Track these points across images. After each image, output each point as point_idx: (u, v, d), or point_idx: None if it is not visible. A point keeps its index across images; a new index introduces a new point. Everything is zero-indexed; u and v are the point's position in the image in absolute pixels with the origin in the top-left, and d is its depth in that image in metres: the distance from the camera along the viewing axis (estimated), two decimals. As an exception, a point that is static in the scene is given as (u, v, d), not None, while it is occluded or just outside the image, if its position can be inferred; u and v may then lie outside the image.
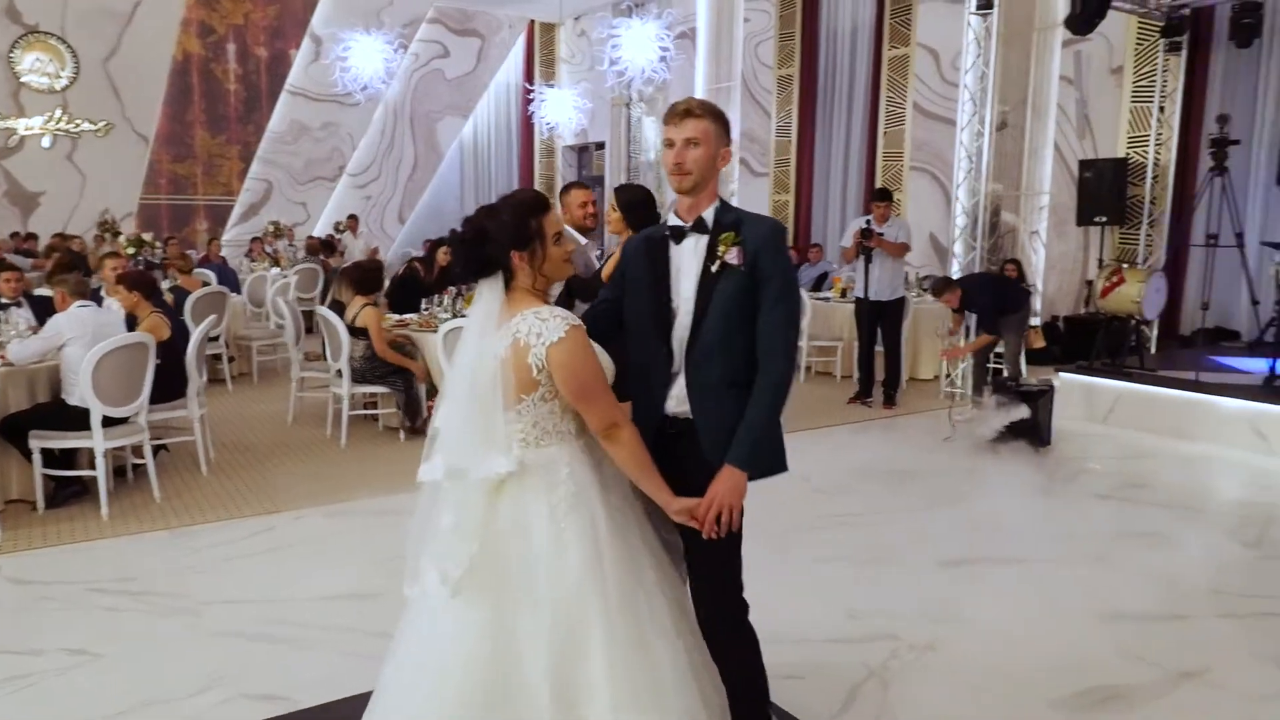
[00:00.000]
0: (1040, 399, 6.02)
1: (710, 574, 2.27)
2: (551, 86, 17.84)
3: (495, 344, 2.05)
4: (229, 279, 9.73)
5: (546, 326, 2.02)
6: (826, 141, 13.64)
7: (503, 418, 2.05)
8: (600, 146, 18.65)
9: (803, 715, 2.82)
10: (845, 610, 3.66)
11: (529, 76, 19.69)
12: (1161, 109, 9.31)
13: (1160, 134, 9.36)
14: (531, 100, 18.00)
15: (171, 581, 3.92)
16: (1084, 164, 9.56)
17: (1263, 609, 3.78)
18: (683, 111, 2.22)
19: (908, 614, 3.62)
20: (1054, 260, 10.43)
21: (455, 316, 6.76)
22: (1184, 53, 9.10)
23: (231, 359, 8.32)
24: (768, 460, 2.22)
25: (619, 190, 4.07)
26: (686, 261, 2.25)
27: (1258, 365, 7.32)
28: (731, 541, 2.21)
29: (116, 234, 11.14)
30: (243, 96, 16.48)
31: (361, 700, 2.25)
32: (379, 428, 6.62)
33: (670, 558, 2.21)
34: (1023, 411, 5.87)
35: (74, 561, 4.16)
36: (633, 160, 18.17)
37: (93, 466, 4.73)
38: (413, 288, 7.79)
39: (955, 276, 8.09)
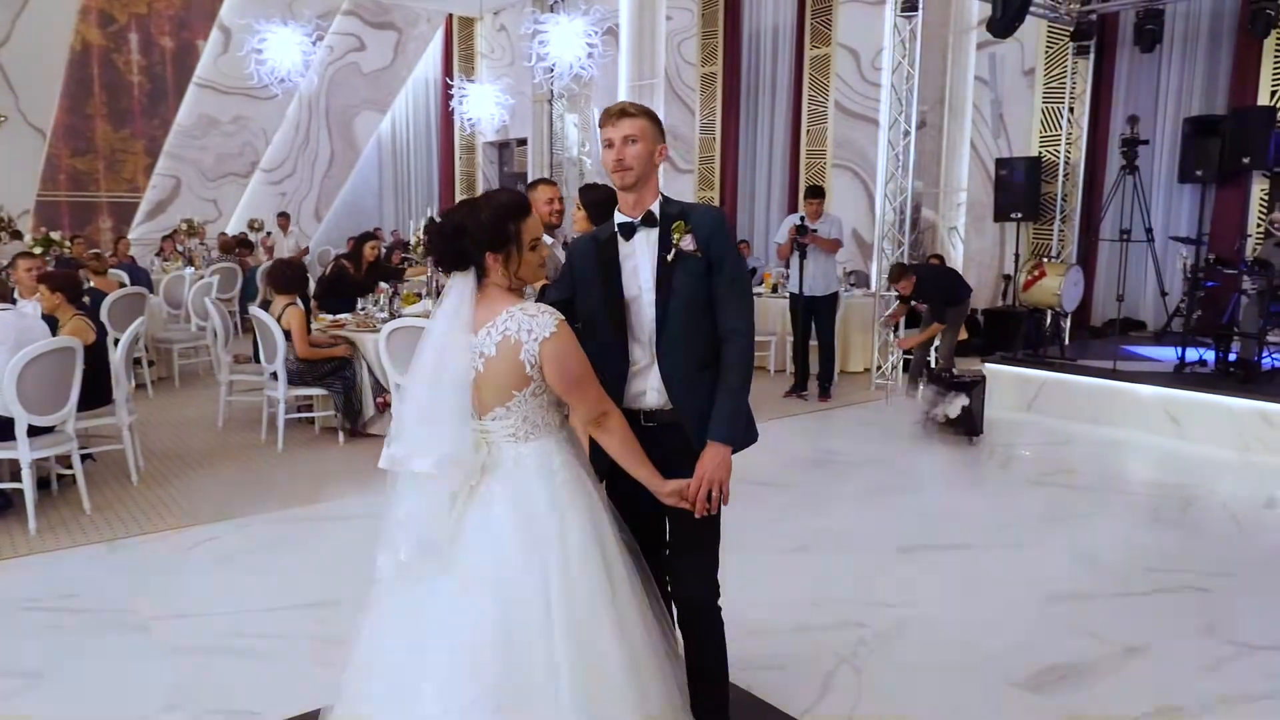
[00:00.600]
0: (974, 389, 6.23)
1: (695, 556, 2.36)
2: (471, 82, 17.64)
3: (478, 342, 2.06)
4: (142, 279, 9.33)
5: (537, 323, 2.05)
6: (750, 139, 13.82)
7: (466, 411, 2.08)
8: (522, 143, 18.52)
9: (783, 705, 2.87)
10: (809, 599, 3.74)
11: (448, 71, 19.41)
12: (1071, 110, 9.74)
13: (1070, 134, 9.79)
14: (452, 96, 17.79)
15: (115, 597, 3.75)
16: (1000, 162, 9.92)
17: (1192, 583, 4.00)
18: (618, 112, 2.31)
19: (869, 601, 3.72)
20: (972, 255, 10.79)
21: (393, 316, 6.63)
22: (1091, 56, 9.53)
23: (151, 363, 7.99)
24: (743, 432, 2.34)
25: (584, 190, 4.07)
26: (641, 255, 2.33)
27: (1165, 354, 7.74)
28: (715, 522, 2.34)
29: (16, 233, 10.55)
30: (147, 89, 15.78)
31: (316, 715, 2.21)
32: (316, 431, 6.45)
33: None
34: (963, 401, 6.07)
35: (3, 579, 3.94)
36: (555, 157, 18.10)
37: (16, 479, 4.49)
38: (344, 287, 7.59)
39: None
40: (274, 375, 6.00)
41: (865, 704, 2.95)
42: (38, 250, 7.97)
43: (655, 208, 2.33)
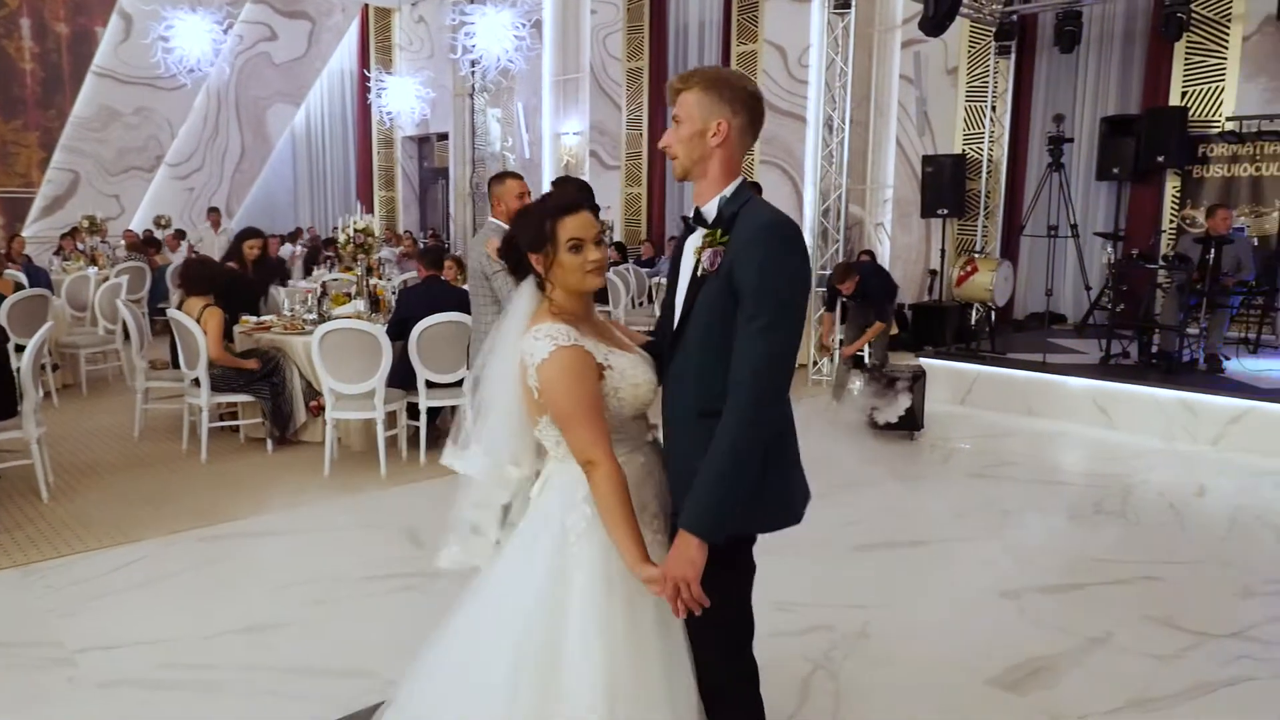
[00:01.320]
0: (915, 384, 6.28)
1: (698, 647, 1.95)
2: (390, 74, 17.16)
3: (511, 350, 1.95)
4: (41, 280, 8.74)
5: (538, 347, 1.86)
6: (678, 135, 13.77)
7: (523, 426, 1.96)
8: (443, 138, 18.12)
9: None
10: (773, 603, 3.66)
11: (365, 63, 18.85)
12: (994, 108, 9.96)
13: (993, 131, 10.01)
14: (370, 88, 17.27)
15: (34, 628, 3.44)
16: (926, 159, 10.08)
17: (1142, 573, 4.08)
18: (671, 89, 1.93)
19: (833, 603, 3.67)
20: (899, 251, 10.95)
21: (323, 318, 6.34)
22: (1013, 56, 9.76)
23: (55, 367, 7.49)
24: (725, 520, 1.79)
25: (555, 183, 3.93)
26: (687, 260, 1.97)
27: (1088, 346, 7.97)
28: (720, 615, 1.86)
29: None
30: (40, 77, 14.88)
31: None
32: (241, 439, 6.12)
33: None
34: (906, 403, 6.10)
35: (-98, 613, 3.59)
36: (477, 152, 17.77)
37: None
38: (242, 290, 6.99)
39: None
40: (195, 381, 5.66)
41: (846, 709, 2.89)
42: (-75, 250, 7.37)
43: (713, 205, 1.91)
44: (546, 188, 16.04)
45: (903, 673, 3.13)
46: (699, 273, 1.89)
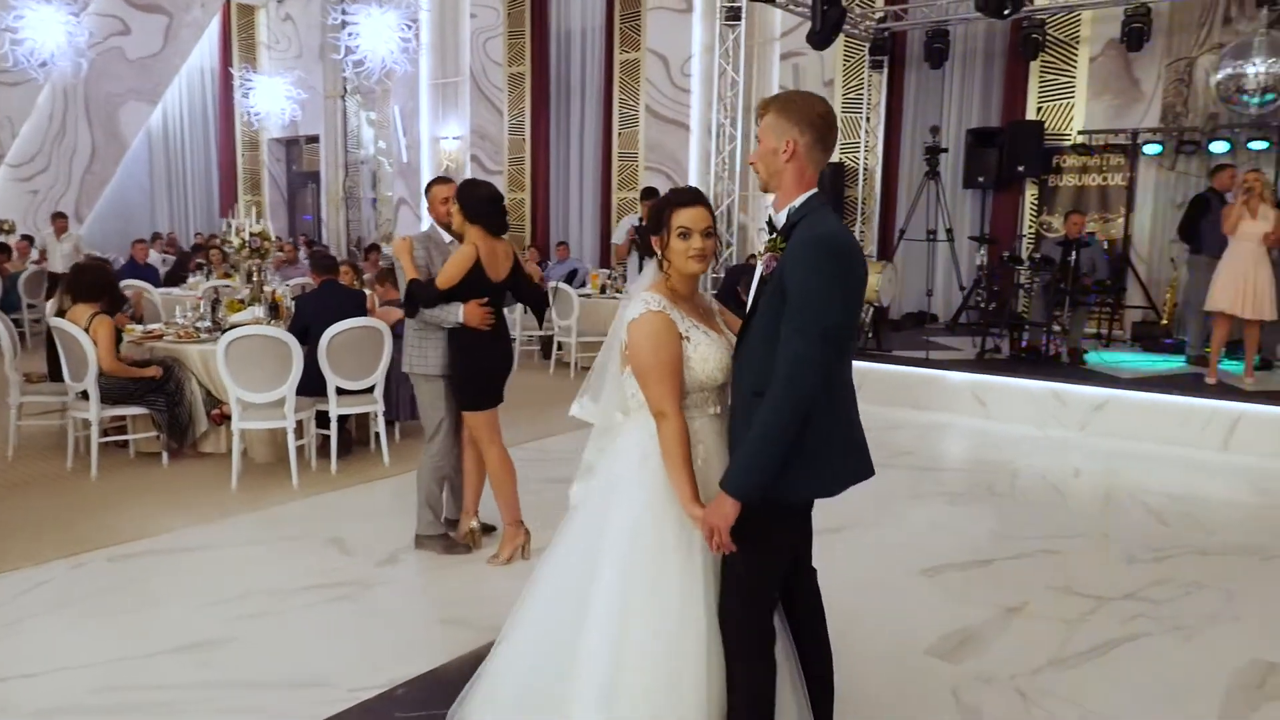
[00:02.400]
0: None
1: (722, 594, 2.20)
2: (254, 74, 16.48)
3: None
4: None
5: (634, 307, 2.23)
6: (562, 140, 13.84)
7: (619, 380, 2.30)
8: (312, 140, 17.55)
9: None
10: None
11: (226, 61, 18.04)
12: (868, 119, 10.50)
13: (868, 142, 10.55)
14: (237, 88, 16.55)
15: (-59, 660, 3.20)
16: (807, 167, 10.51)
17: (1040, 547, 4.44)
18: (756, 111, 2.22)
19: (771, 589, 3.83)
20: (781, 255, 11.38)
21: (217, 325, 6.09)
22: (885, 70, 10.33)
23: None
24: (755, 485, 2.04)
25: (461, 187, 3.94)
26: (761, 261, 2.22)
27: (961, 343, 8.53)
28: (744, 563, 2.13)
29: None
30: None
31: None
32: (131, 454, 5.80)
33: None
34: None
35: None
36: (350, 155, 17.30)
37: None
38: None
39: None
40: (83, 394, 5.33)
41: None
42: None
43: (783, 215, 2.14)
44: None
45: (847, 648, 3.29)
46: (764, 273, 2.16)
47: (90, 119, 16.10)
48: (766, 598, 2.22)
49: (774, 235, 2.13)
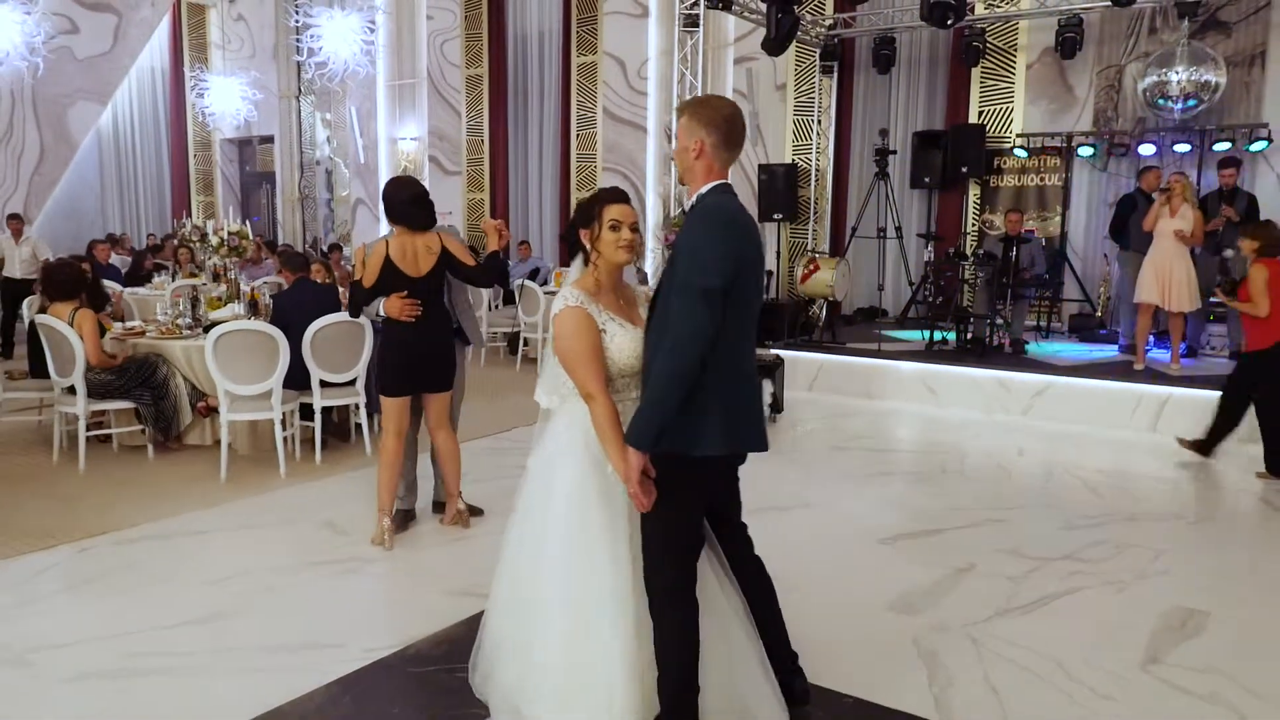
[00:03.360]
0: (775, 372, 6.93)
1: (647, 548, 2.44)
2: (209, 74, 16.40)
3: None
4: None
5: (556, 303, 2.51)
6: (520, 142, 14.04)
7: (555, 369, 2.58)
8: (265, 140, 17.50)
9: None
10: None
11: (177, 61, 17.90)
12: (819, 122, 10.91)
13: (819, 143, 10.96)
14: (191, 89, 16.45)
15: (-32, 635, 3.36)
16: (762, 168, 10.90)
17: (987, 517, 4.83)
18: (675, 113, 2.53)
19: (744, 557, 4.14)
20: (737, 253, 11.73)
21: (198, 322, 6.24)
22: (835, 75, 10.74)
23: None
24: (648, 434, 2.27)
25: (385, 186, 4.26)
26: None
27: (910, 335, 8.97)
28: (660, 515, 2.37)
29: None
30: None
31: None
32: (114, 448, 5.92)
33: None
34: (769, 386, 6.73)
35: None
36: (305, 156, 17.29)
37: None
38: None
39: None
40: (70, 389, 5.46)
41: (779, 638, 3.36)
42: None
43: (691, 201, 2.42)
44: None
45: (818, 606, 3.64)
46: (671, 250, 2.41)
47: (39, 119, 15.86)
48: (682, 546, 2.43)
49: (678, 216, 2.47)
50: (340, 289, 6.89)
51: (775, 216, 10.78)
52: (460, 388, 4.63)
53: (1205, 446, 5.84)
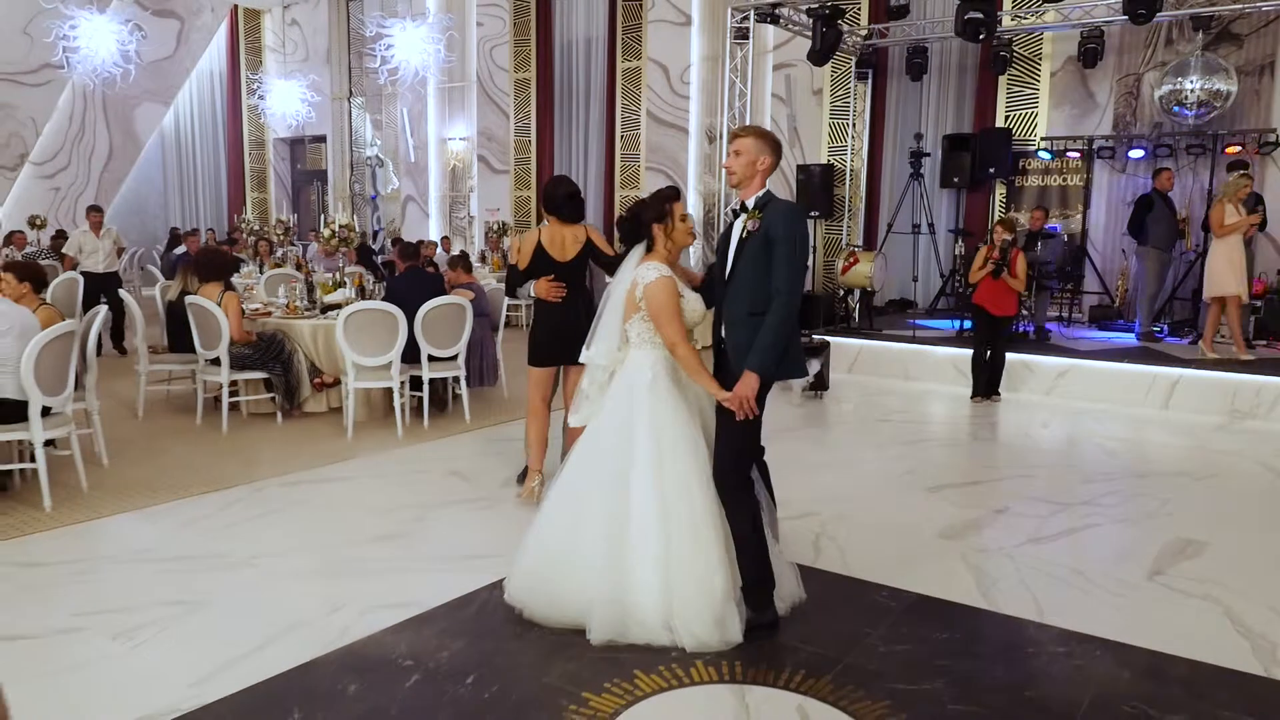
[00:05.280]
0: (823, 353, 7.68)
1: (720, 445, 3.27)
2: (269, 77, 17.30)
3: (627, 280, 3.32)
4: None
5: (649, 273, 3.30)
6: (566, 142, 14.82)
7: (622, 325, 3.33)
8: (318, 139, 18.36)
9: (799, 560, 3.99)
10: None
11: (233, 64, 18.80)
12: (854, 125, 11.64)
13: (854, 145, 11.69)
14: (254, 90, 17.32)
15: (197, 546, 4.17)
16: (800, 168, 11.63)
17: (1018, 473, 5.57)
18: (733, 134, 3.39)
19: (815, 499, 4.90)
20: (775, 248, 12.47)
21: (313, 304, 7.05)
22: (870, 81, 11.47)
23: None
24: (769, 366, 3.12)
25: (545, 185, 4.98)
26: (736, 229, 3.31)
27: (940, 324, 9.69)
28: (744, 428, 3.18)
29: None
30: (-107, 70, 14.13)
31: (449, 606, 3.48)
32: (243, 414, 6.74)
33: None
34: (817, 366, 7.49)
35: (75, 542, 4.20)
36: (355, 155, 18.15)
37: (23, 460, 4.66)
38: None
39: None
40: (214, 361, 6.28)
41: (849, 557, 4.13)
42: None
43: (751, 200, 3.25)
44: (435, 189, 16.57)
45: (877, 535, 4.42)
46: (745, 235, 3.24)
47: (108, 119, 16.81)
48: (755, 450, 3.36)
49: (752, 210, 3.23)
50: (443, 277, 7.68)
51: (811, 214, 11.48)
52: None
53: None
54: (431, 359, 6.45)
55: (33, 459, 4.73)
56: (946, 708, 2.86)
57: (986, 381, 7.68)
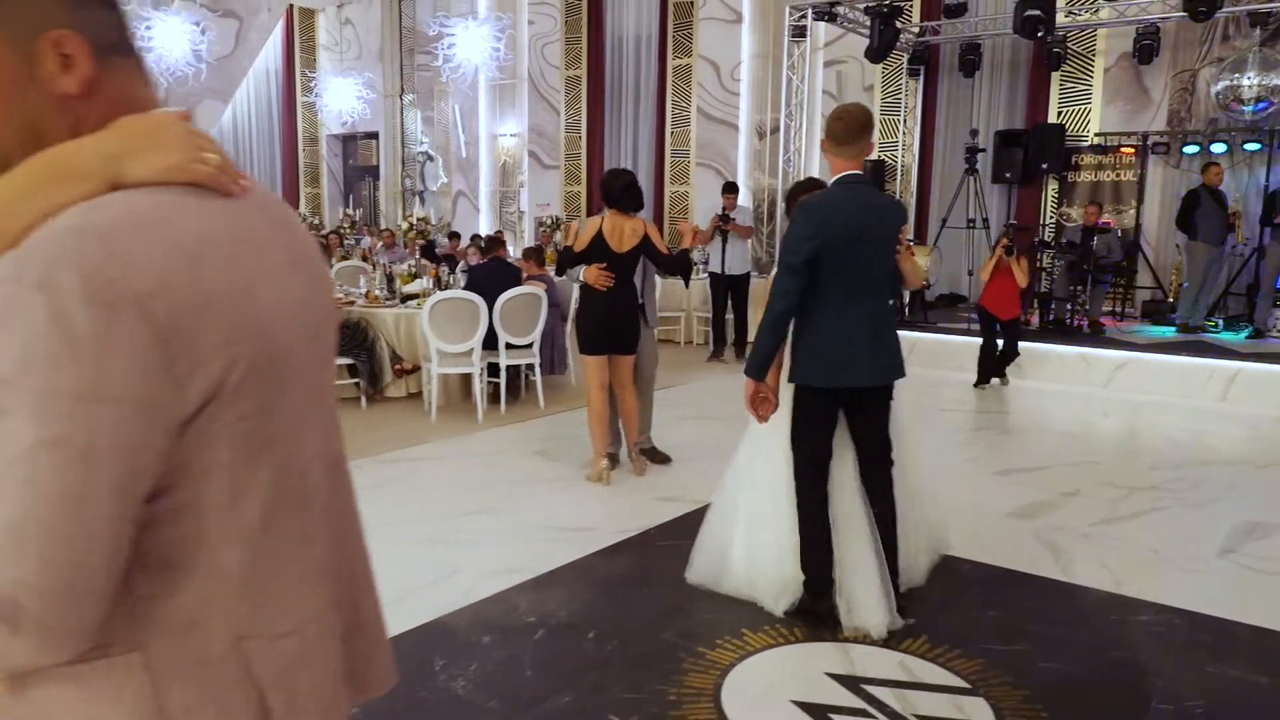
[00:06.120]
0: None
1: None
2: (326, 76, 17.73)
3: None
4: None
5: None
6: (616, 138, 15.07)
7: None
8: (370, 136, 18.77)
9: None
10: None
11: (288, 62, 19.26)
12: (905, 121, 11.77)
13: (905, 141, 11.82)
14: (311, 89, 17.76)
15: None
16: (851, 163, 11.78)
17: (1085, 459, 5.73)
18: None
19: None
20: (824, 242, 12.64)
21: (393, 294, 7.36)
22: (921, 77, 11.59)
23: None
24: (752, 369, 3.29)
25: (603, 176, 5.19)
26: None
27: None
28: (793, 446, 3.37)
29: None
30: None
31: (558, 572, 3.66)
32: (328, 400, 7.05)
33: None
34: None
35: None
36: (406, 151, 18.54)
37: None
38: None
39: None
40: (303, 347, 6.59)
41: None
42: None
43: None
44: (485, 185, 16.82)
45: (957, 513, 4.58)
46: None
47: (171, 117, 17.29)
48: (819, 468, 3.34)
49: None
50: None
51: (863, 209, 11.64)
52: (649, 357, 5.40)
53: None
54: (508, 346, 6.72)
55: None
56: (1038, 665, 3.07)
57: (991, 369, 8.02)
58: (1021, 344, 8.58)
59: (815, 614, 3.33)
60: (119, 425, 0.76)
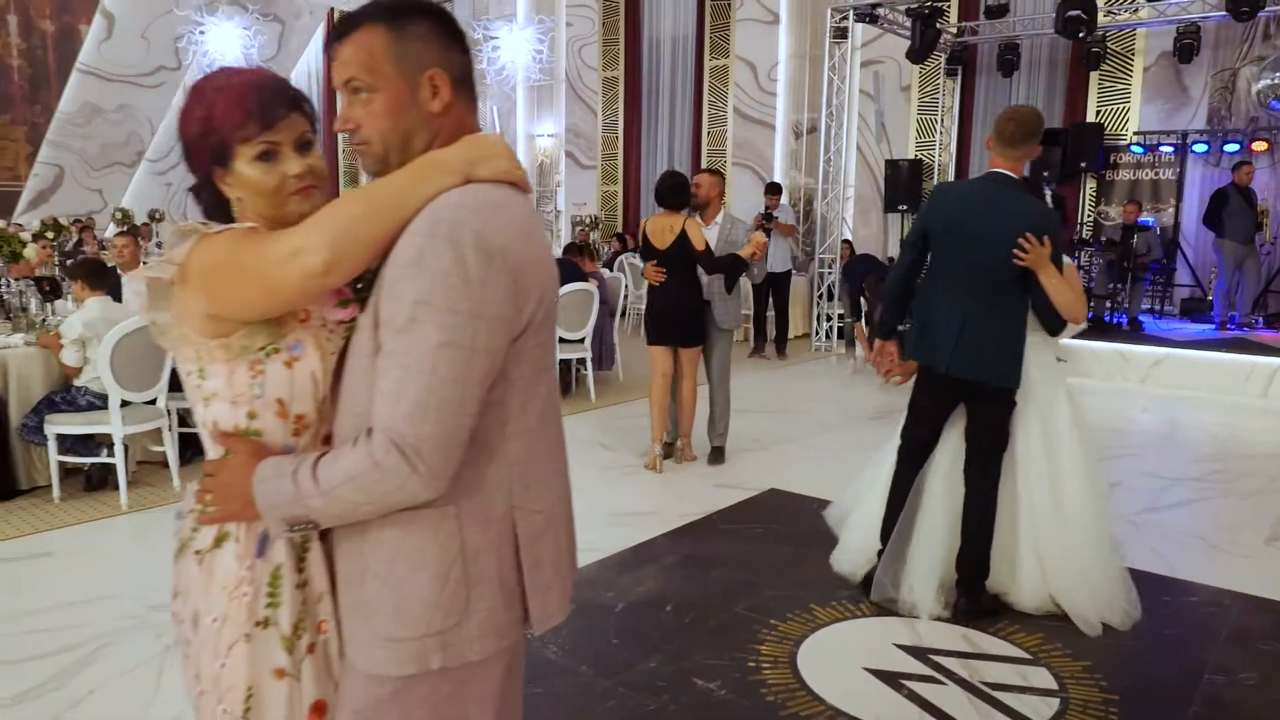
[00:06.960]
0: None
1: None
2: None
3: None
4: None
5: None
6: (652, 139, 15.26)
7: None
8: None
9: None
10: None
11: (328, 63, 19.61)
12: (942, 121, 11.88)
13: (942, 140, 11.94)
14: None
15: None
16: (889, 163, 11.92)
17: (1128, 452, 5.87)
18: None
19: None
20: (860, 242, 12.76)
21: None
22: (959, 77, 11.70)
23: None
24: (879, 330, 3.71)
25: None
26: None
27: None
28: None
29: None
30: (28, 74, 15.20)
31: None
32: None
33: None
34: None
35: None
36: (443, 151, 18.85)
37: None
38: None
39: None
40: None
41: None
42: (50, 235, 8.22)
43: None
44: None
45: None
46: None
47: (216, 118, 17.70)
48: (908, 426, 3.57)
49: None
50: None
51: (900, 208, 11.79)
52: (719, 357, 5.40)
53: None
54: (562, 341, 6.94)
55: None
56: (1095, 639, 3.24)
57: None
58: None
59: (867, 581, 3.51)
60: (490, 334, 1.15)
